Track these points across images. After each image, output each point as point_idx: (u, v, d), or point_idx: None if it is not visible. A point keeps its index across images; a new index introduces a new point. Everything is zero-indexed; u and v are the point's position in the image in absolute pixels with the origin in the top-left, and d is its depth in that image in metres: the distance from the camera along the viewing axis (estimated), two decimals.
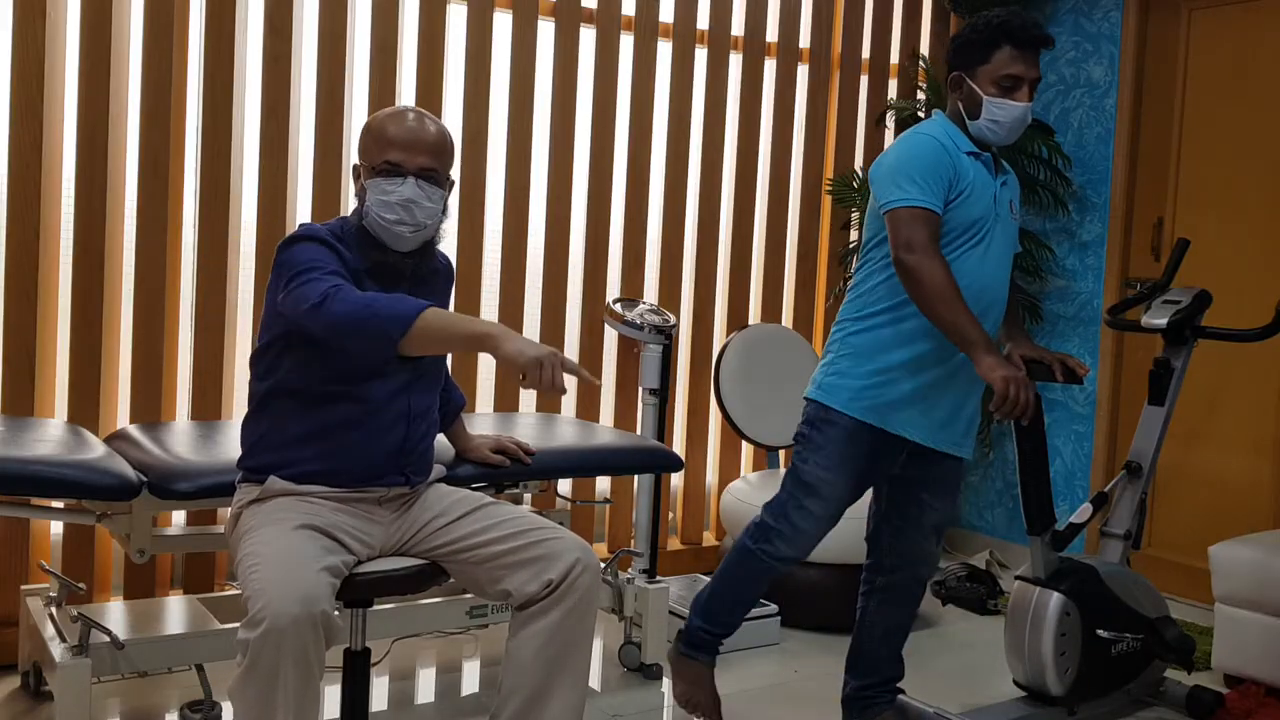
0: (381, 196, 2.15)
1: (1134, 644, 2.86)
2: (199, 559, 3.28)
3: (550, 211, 3.83)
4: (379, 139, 2.17)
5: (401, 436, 2.21)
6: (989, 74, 2.47)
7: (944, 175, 2.42)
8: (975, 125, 2.50)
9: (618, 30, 3.92)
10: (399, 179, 2.14)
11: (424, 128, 2.18)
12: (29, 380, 3.01)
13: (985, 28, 2.47)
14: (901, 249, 2.36)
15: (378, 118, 2.21)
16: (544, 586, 2.09)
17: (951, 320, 2.32)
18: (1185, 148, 4.12)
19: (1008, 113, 2.47)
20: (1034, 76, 2.48)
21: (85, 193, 3.07)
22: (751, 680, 3.16)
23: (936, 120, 2.56)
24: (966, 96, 2.51)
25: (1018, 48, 2.45)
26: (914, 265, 2.34)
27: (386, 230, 2.16)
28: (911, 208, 2.38)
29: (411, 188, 2.15)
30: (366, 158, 2.20)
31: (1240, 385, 3.93)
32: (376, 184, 2.15)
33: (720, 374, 4.05)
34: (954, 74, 2.53)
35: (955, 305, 2.31)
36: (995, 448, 4.66)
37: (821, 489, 2.53)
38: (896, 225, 2.39)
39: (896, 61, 4.62)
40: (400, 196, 2.14)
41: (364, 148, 2.21)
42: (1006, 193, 2.57)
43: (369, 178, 2.17)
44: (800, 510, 2.55)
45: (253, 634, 1.79)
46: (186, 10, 3.19)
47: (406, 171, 2.15)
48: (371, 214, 2.16)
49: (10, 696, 2.81)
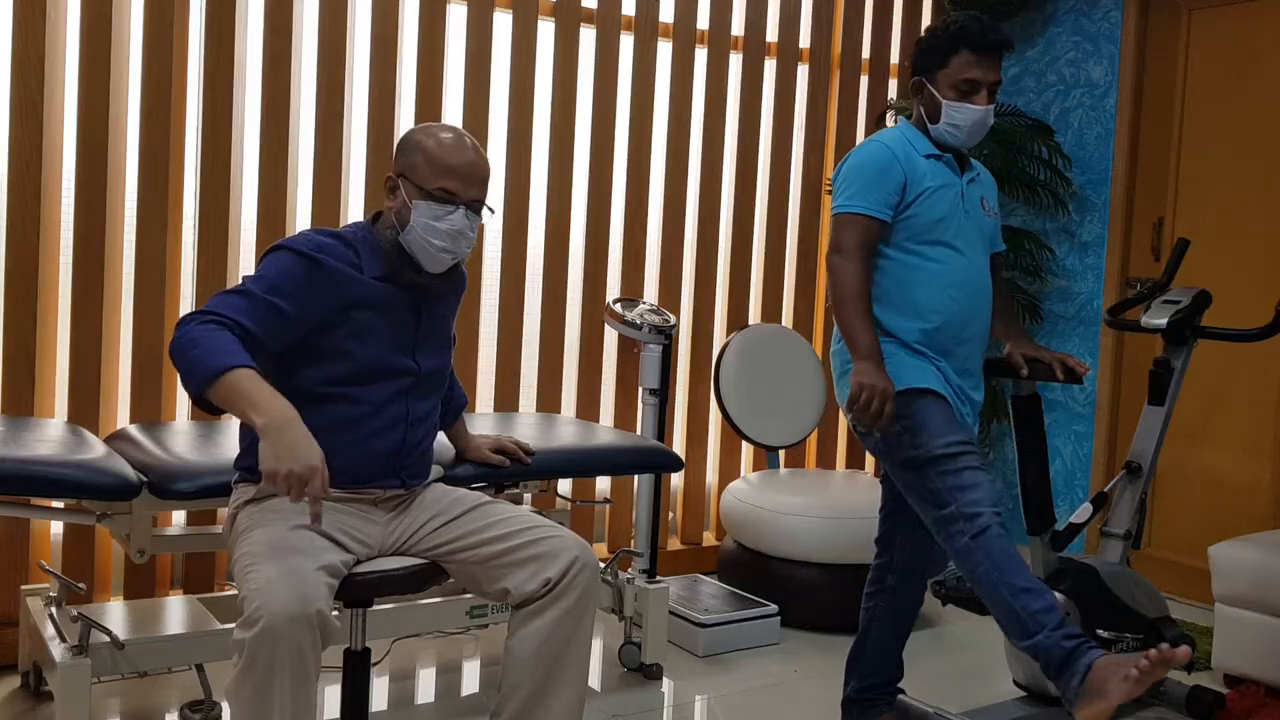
0: (432, 222, 2.15)
1: (1134, 644, 2.86)
2: (199, 559, 3.28)
3: (550, 211, 3.83)
4: (436, 164, 2.16)
5: (399, 440, 2.21)
6: (948, 78, 2.50)
7: (891, 181, 2.48)
8: (936, 129, 2.54)
9: (618, 30, 3.92)
10: (451, 208, 2.16)
11: (481, 159, 2.21)
12: (29, 380, 3.01)
13: (943, 33, 2.51)
14: (831, 250, 2.49)
15: (435, 139, 2.18)
16: (542, 585, 2.09)
17: (846, 322, 2.43)
18: (1185, 148, 4.12)
19: (966, 116, 2.50)
20: (993, 80, 2.50)
21: (85, 192, 3.07)
22: (751, 680, 3.17)
23: (897, 127, 2.60)
24: (927, 101, 2.55)
25: (975, 51, 2.48)
26: (834, 266, 2.47)
27: (428, 254, 2.17)
28: (850, 213, 2.48)
29: (462, 218, 2.17)
30: (417, 178, 2.17)
31: (1240, 385, 3.93)
32: (427, 208, 2.15)
33: (720, 374, 4.05)
34: (915, 79, 2.58)
35: (856, 309, 2.42)
36: (995, 448, 4.66)
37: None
38: (834, 228, 2.50)
39: (896, 61, 4.62)
40: (452, 226, 2.16)
41: (413, 166, 2.18)
42: (976, 190, 2.60)
43: (419, 198, 2.16)
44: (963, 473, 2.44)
45: (248, 634, 1.79)
46: (186, 10, 3.19)
47: (460, 202, 2.17)
48: (416, 234, 2.16)
49: (10, 696, 2.81)
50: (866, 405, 2.36)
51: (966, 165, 2.61)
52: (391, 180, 2.22)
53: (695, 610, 3.40)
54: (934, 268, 2.50)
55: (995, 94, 2.53)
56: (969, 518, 2.39)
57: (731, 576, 3.79)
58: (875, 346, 2.41)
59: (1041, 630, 2.30)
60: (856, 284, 2.43)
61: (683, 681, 3.15)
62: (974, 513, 2.39)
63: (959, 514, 2.40)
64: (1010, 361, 2.66)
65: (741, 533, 3.74)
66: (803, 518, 3.58)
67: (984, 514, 2.39)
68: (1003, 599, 2.35)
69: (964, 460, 2.43)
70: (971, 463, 2.43)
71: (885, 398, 2.36)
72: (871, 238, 2.48)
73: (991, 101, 2.51)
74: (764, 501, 3.68)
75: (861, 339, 2.40)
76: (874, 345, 2.41)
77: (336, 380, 2.15)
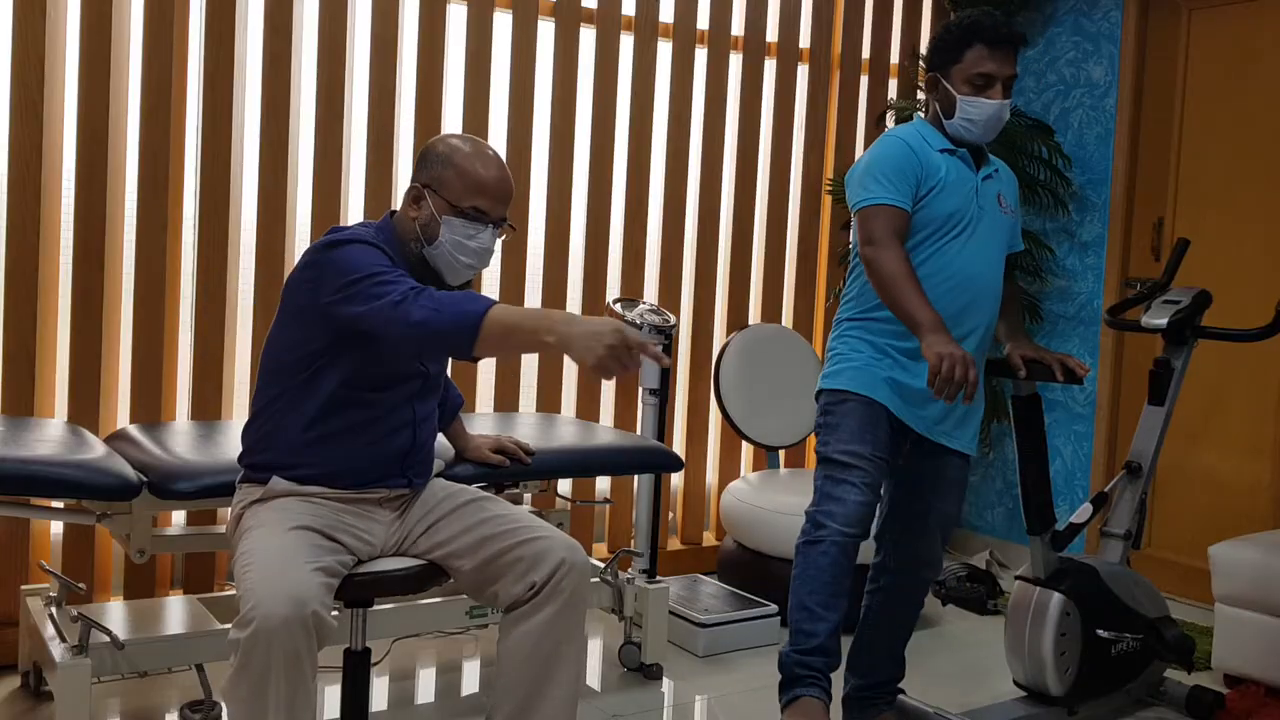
0: (463, 240, 2.16)
1: (1134, 644, 2.86)
2: (199, 559, 3.28)
3: (550, 211, 3.83)
4: (470, 181, 2.16)
5: (409, 441, 2.22)
6: (962, 73, 2.50)
7: (910, 173, 2.47)
8: (951, 124, 2.54)
9: (618, 30, 3.92)
10: (482, 226, 2.17)
11: (509, 177, 2.22)
12: (29, 380, 3.01)
13: (957, 28, 2.51)
14: (863, 243, 2.46)
15: (466, 156, 2.17)
16: (528, 589, 2.09)
17: (903, 303, 2.37)
18: (1185, 148, 4.11)
19: (981, 110, 2.50)
20: (1008, 74, 2.50)
21: (85, 192, 3.07)
22: (751, 680, 3.16)
23: (912, 122, 2.60)
24: (942, 96, 2.55)
25: (989, 45, 2.48)
26: (871, 256, 2.43)
27: (454, 270, 2.18)
28: (875, 205, 2.46)
29: (490, 236, 2.19)
30: (448, 193, 2.16)
31: (1240, 386, 3.93)
32: (460, 225, 2.15)
33: (720, 374, 4.05)
34: (930, 75, 2.58)
35: (906, 289, 2.37)
36: (995, 448, 4.66)
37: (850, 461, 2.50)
38: (862, 223, 2.48)
39: (896, 61, 4.62)
40: (481, 245, 2.17)
41: (445, 181, 2.16)
42: (993, 186, 2.60)
43: (450, 214, 2.15)
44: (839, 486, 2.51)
45: (243, 634, 1.79)
46: (186, 10, 3.19)
47: (490, 220, 2.17)
48: (444, 250, 2.16)
49: (10, 696, 2.81)
50: (950, 374, 2.24)
51: (984, 161, 2.61)
52: (417, 190, 2.18)
53: (695, 610, 3.40)
54: (940, 262, 2.50)
55: (1011, 88, 2.52)
56: (816, 524, 2.50)
57: (731, 576, 3.79)
58: (938, 319, 2.34)
59: (791, 647, 2.51)
60: (900, 266, 2.39)
61: (683, 681, 3.15)
62: (821, 522, 2.49)
63: (812, 515, 2.52)
64: (1010, 362, 2.66)
65: (741, 533, 3.74)
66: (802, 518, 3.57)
67: (828, 527, 2.47)
68: (791, 606, 2.53)
69: (851, 474, 2.47)
70: (856, 478, 2.47)
71: (967, 363, 2.25)
72: (902, 226, 2.45)
73: (1007, 96, 2.51)
74: (764, 501, 3.68)
75: (922, 315, 2.33)
76: (936, 318, 2.33)
77: (359, 384, 2.13)
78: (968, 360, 2.25)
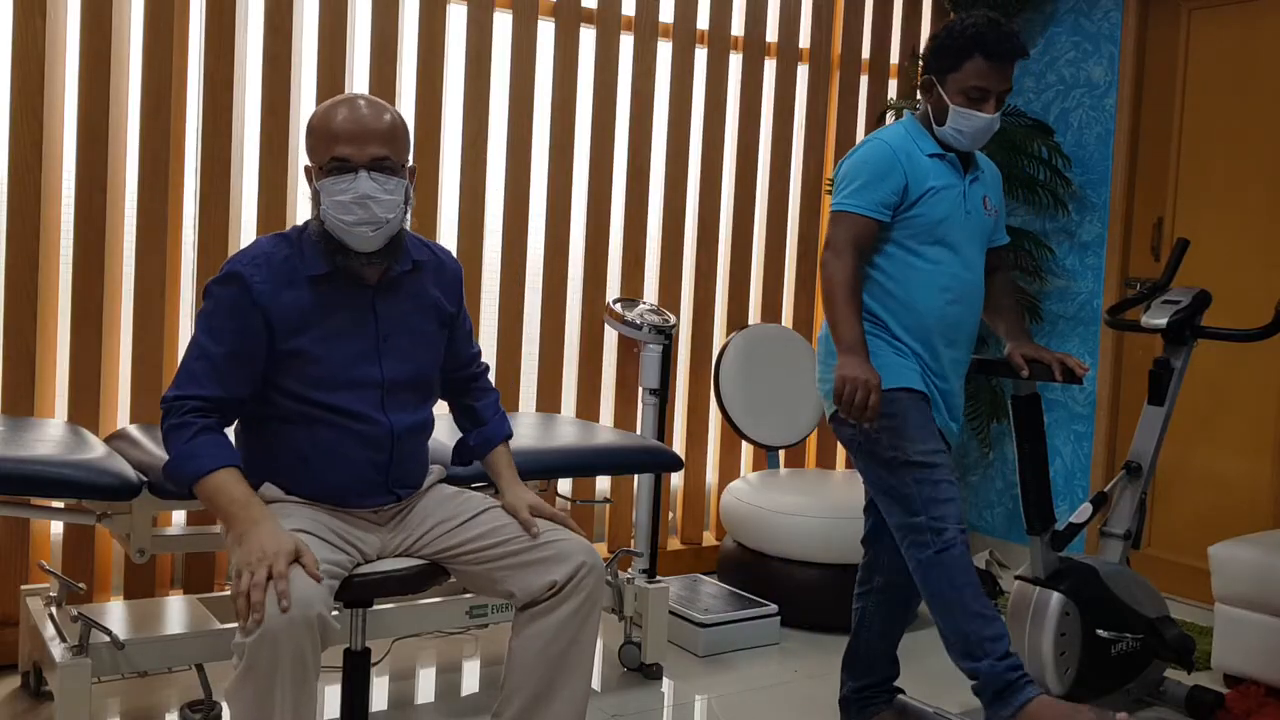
0: (336, 197, 2.00)
1: (1134, 644, 2.86)
2: (199, 559, 3.28)
3: (550, 211, 3.83)
4: (324, 135, 2.02)
5: (386, 458, 2.15)
6: (958, 82, 2.49)
7: (891, 183, 2.49)
8: (941, 130, 2.54)
9: (618, 30, 3.92)
10: (350, 175, 2.00)
11: (371, 114, 2.02)
12: (29, 380, 3.01)
13: (960, 34, 2.47)
14: (826, 247, 2.52)
15: (319, 112, 2.05)
16: (548, 587, 2.09)
17: (834, 315, 2.45)
18: (1185, 148, 4.12)
19: (972, 123, 2.50)
20: (1003, 89, 2.49)
21: (85, 192, 3.07)
22: (751, 680, 3.17)
23: (902, 122, 2.59)
24: (935, 101, 2.54)
25: (989, 59, 2.46)
26: (826, 260, 2.51)
27: (348, 232, 2.02)
28: (845, 212, 2.51)
29: (366, 182, 2.00)
30: (314, 157, 2.05)
31: (1240, 385, 3.93)
32: (328, 184, 2.01)
33: (720, 374, 4.05)
34: (925, 77, 2.56)
35: (842, 302, 2.44)
36: (995, 448, 4.66)
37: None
38: (830, 224, 2.54)
39: (896, 61, 4.62)
40: (355, 194, 1.99)
41: (310, 147, 2.05)
42: (979, 189, 2.60)
43: (320, 178, 2.03)
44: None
45: (249, 638, 1.79)
46: (186, 10, 3.19)
47: (357, 165, 2.00)
48: (330, 217, 2.02)
49: (10, 696, 2.81)
50: (851, 397, 2.36)
51: (971, 163, 2.61)
52: (306, 172, 2.11)
53: (695, 610, 3.40)
54: (931, 268, 2.51)
55: (1004, 102, 2.51)
56: (937, 532, 2.43)
57: (731, 576, 3.79)
58: (860, 340, 2.41)
59: (987, 658, 2.39)
60: (845, 277, 2.45)
61: (683, 681, 3.15)
62: (942, 528, 2.43)
63: (927, 526, 2.44)
64: (1011, 362, 2.66)
65: (741, 533, 3.74)
66: (803, 518, 3.58)
67: (950, 530, 2.42)
68: (955, 618, 2.41)
69: (940, 472, 2.45)
70: (946, 475, 2.45)
71: (869, 389, 2.36)
72: (865, 236, 2.49)
73: (999, 109, 2.50)
74: (764, 501, 3.68)
75: (846, 332, 2.41)
76: (859, 338, 2.41)
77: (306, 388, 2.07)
78: (870, 386, 2.36)
